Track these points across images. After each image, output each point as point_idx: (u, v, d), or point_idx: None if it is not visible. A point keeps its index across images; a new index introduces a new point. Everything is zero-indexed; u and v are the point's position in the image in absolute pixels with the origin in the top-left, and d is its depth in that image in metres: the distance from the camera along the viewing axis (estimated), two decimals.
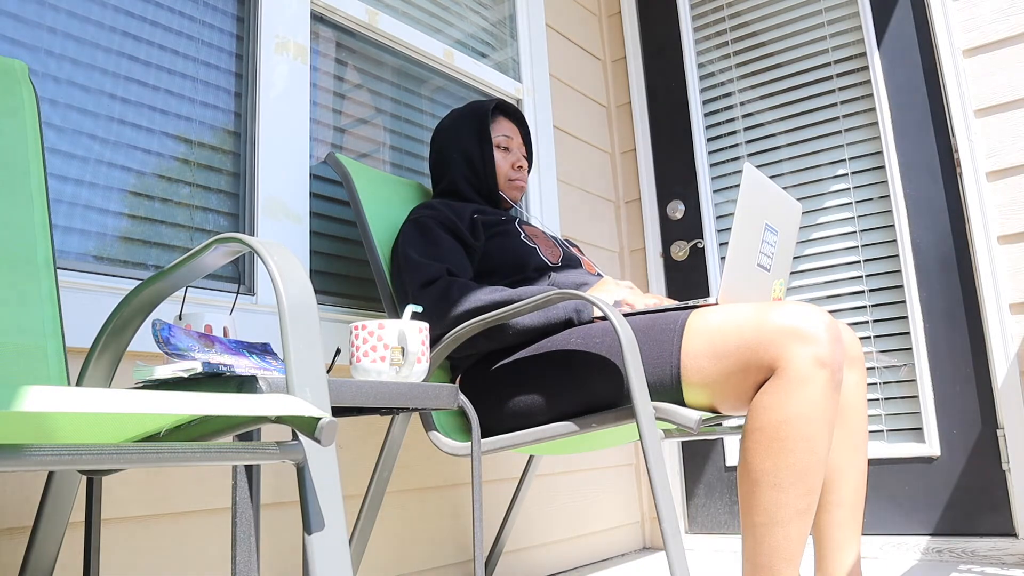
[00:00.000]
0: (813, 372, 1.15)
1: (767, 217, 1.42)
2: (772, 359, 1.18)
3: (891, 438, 2.28)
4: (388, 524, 1.75)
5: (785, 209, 1.49)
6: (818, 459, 1.15)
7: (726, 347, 1.23)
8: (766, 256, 1.42)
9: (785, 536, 1.15)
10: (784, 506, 1.15)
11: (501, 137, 1.80)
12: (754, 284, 1.41)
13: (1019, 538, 2.04)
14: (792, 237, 1.54)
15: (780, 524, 1.15)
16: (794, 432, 1.15)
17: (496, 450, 1.43)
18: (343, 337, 1.70)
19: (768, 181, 1.42)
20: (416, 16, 2.17)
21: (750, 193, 1.35)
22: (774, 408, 1.16)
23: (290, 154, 1.69)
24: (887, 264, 2.34)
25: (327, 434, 0.72)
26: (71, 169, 1.37)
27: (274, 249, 0.86)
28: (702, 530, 2.56)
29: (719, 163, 2.68)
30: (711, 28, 2.76)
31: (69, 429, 0.71)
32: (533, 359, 1.44)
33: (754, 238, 1.38)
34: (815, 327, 1.17)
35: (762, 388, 1.19)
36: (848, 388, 1.44)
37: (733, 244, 1.33)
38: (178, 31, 1.58)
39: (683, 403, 1.29)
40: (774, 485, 1.15)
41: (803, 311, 1.19)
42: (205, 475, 1.42)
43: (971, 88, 2.22)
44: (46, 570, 1.04)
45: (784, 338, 1.17)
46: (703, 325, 1.28)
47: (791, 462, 1.15)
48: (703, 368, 1.25)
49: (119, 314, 1.01)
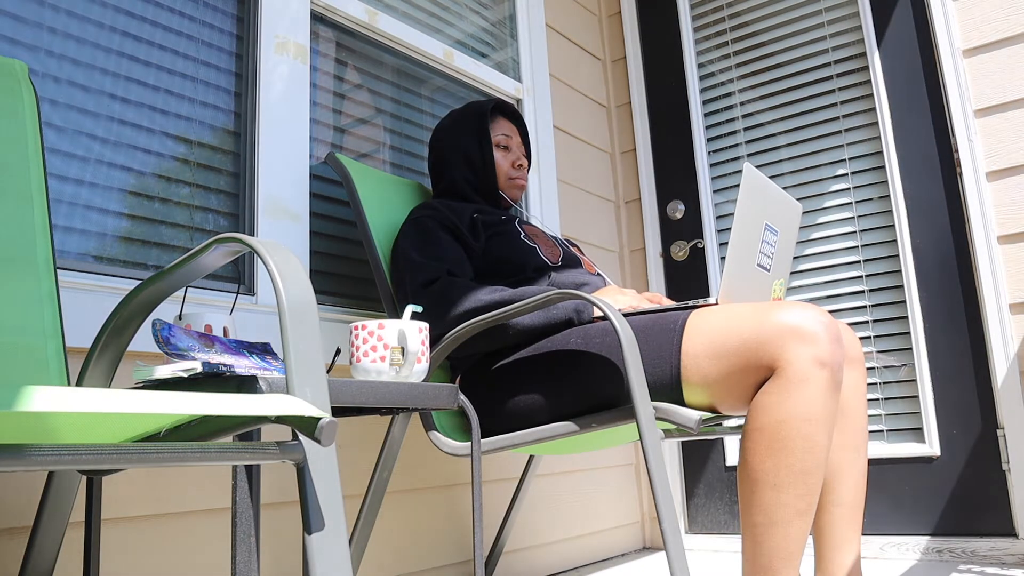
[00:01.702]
0: (813, 372, 1.15)
1: (767, 217, 1.42)
2: (772, 359, 1.18)
3: (891, 438, 2.28)
4: (388, 524, 1.75)
5: (785, 209, 1.49)
6: (818, 459, 1.15)
7: (726, 347, 1.23)
8: (766, 256, 1.42)
9: (785, 536, 1.15)
10: (784, 506, 1.15)
11: (501, 136, 1.80)
12: (754, 284, 1.41)
13: (1019, 538, 2.04)
14: (792, 237, 1.54)
15: (780, 524, 1.15)
16: (794, 432, 1.15)
17: (496, 450, 1.43)
18: (343, 337, 1.70)
19: (768, 181, 1.42)
20: (416, 16, 2.17)
21: (750, 193, 1.35)
22: (774, 408, 1.16)
23: (290, 154, 1.69)
24: (887, 264, 2.34)
25: (327, 434, 0.72)
26: (71, 169, 1.38)
27: (274, 249, 0.86)
28: (702, 530, 2.56)
29: (719, 163, 2.68)
30: (711, 28, 2.76)
31: (69, 429, 0.71)
32: (533, 359, 1.44)
33: (754, 238, 1.38)
34: (815, 327, 1.17)
35: (762, 388, 1.19)
36: (848, 388, 1.44)
37: (733, 244, 1.33)
38: (178, 31, 1.58)
39: (683, 403, 1.29)
40: (774, 485, 1.15)
41: (803, 311, 1.19)
42: (205, 475, 1.42)
43: (971, 88, 2.22)
44: (46, 570, 1.04)
45: (784, 338, 1.17)
46: (703, 325, 1.28)
47: (791, 462, 1.15)
48: (703, 368, 1.25)
49: (119, 314, 1.01)
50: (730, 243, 1.32)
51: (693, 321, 1.30)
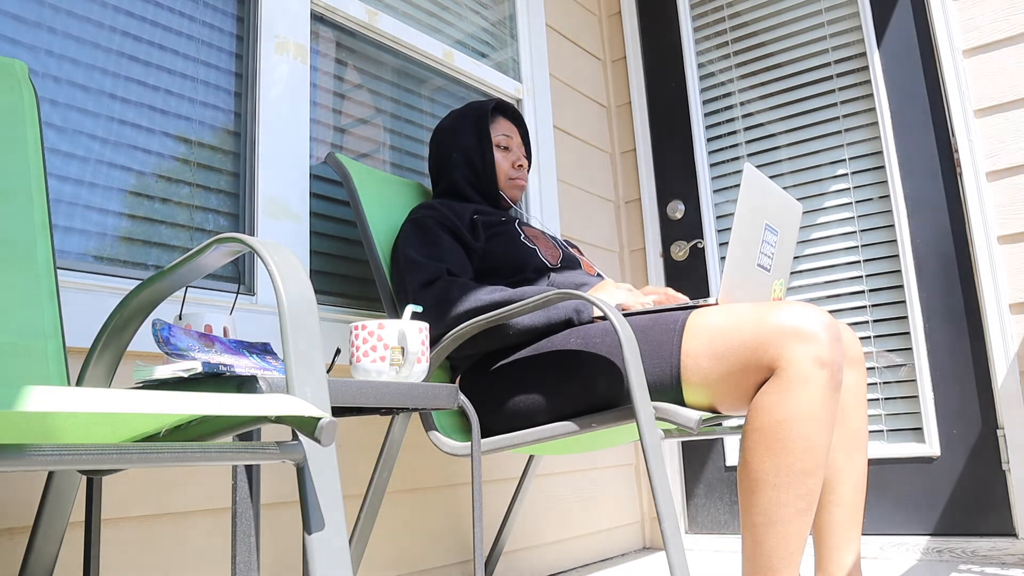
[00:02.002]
0: (813, 372, 1.15)
1: (767, 217, 1.42)
2: (772, 359, 1.18)
3: (891, 438, 2.28)
4: (388, 524, 1.75)
5: (785, 209, 1.49)
6: (818, 459, 1.15)
7: (726, 347, 1.23)
8: (766, 256, 1.42)
9: (785, 536, 1.15)
10: (784, 506, 1.15)
11: (501, 136, 1.80)
12: (754, 284, 1.41)
13: (1019, 538, 2.04)
14: (792, 237, 1.54)
15: (780, 524, 1.15)
16: (794, 432, 1.15)
17: (496, 450, 1.43)
18: (343, 337, 1.70)
19: (768, 181, 1.42)
20: (416, 16, 2.17)
21: (750, 193, 1.35)
22: (774, 408, 1.16)
23: (290, 154, 1.69)
24: (887, 264, 2.34)
25: (327, 434, 0.72)
26: (71, 169, 1.38)
27: (274, 249, 0.86)
28: (702, 530, 2.56)
29: (719, 163, 2.68)
30: (711, 28, 2.76)
31: (69, 429, 0.71)
32: (533, 359, 1.44)
33: (754, 238, 1.38)
34: (815, 327, 1.17)
35: (762, 388, 1.19)
36: (848, 388, 1.44)
37: (733, 244, 1.33)
38: (178, 31, 1.58)
39: (683, 403, 1.29)
40: (774, 485, 1.15)
41: (803, 311, 1.19)
42: (205, 475, 1.42)
43: (971, 88, 2.22)
44: (46, 570, 1.04)
45: (784, 338, 1.17)
46: (703, 325, 1.28)
47: (791, 462, 1.15)
48: (703, 368, 1.25)
49: (119, 314, 1.01)
50: (730, 243, 1.32)
51: (693, 321, 1.30)
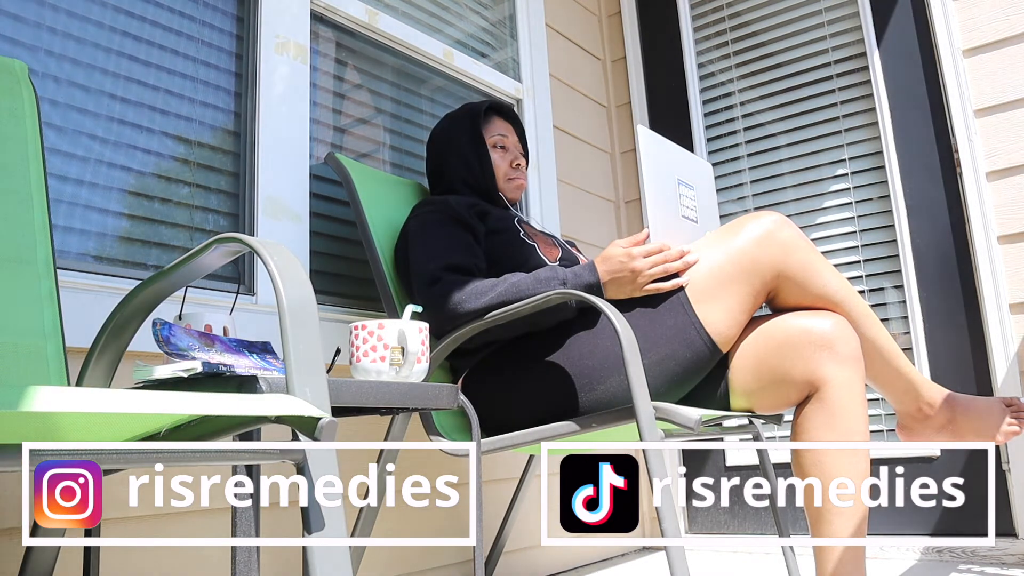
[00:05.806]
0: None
1: (678, 173, 1.50)
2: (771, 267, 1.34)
3: (891, 438, 2.27)
4: (388, 524, 1.75)
5: (696, 167, 1.60)
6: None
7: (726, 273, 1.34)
8: (688, 208, 1.51)
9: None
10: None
11: (497, 136, 1.78)
12: (684, 234, 1.48)
13: (1019, 538, 2.04)
14: (711, 194, 1.63)
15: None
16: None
17: (496, 450, 1.43)
18: (343, 337, 1.69)
19: (670, 143, 1.51)
20: (416, 16, 2.17)
21: (649, 152, 1.42)
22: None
23: (290, 154, 1.69)
24: (887, 264, 2.34)
25: (327, 434, 0.72)
26: (71, 169, 1.37)
27: (274, 249, 0.86)
28: (702, 530, 2.56)
29: (719, 163, 2.68)
30: (711, 28, 2.76)
31: (69, 429, 0.71)
32: (534, 360, 1.44)
33: (670, 192, 1.46)
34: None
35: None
36: (847, 388, 1.44)
37: (649, 200, 1.40)
38: (178, 31, 1.58)
39: (727, 364, 1.37)
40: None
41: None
42: (205, 475, 1.42)
43: (971, 88, 2.22)
44: (46, 570, 1.04)
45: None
46: (696, 276, 1.36)
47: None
48: (721, 304, 1.34)
49: (119, 314, 1.01)
50: (646, 200, 1.40)
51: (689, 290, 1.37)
